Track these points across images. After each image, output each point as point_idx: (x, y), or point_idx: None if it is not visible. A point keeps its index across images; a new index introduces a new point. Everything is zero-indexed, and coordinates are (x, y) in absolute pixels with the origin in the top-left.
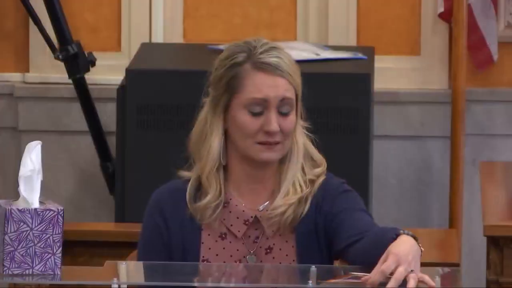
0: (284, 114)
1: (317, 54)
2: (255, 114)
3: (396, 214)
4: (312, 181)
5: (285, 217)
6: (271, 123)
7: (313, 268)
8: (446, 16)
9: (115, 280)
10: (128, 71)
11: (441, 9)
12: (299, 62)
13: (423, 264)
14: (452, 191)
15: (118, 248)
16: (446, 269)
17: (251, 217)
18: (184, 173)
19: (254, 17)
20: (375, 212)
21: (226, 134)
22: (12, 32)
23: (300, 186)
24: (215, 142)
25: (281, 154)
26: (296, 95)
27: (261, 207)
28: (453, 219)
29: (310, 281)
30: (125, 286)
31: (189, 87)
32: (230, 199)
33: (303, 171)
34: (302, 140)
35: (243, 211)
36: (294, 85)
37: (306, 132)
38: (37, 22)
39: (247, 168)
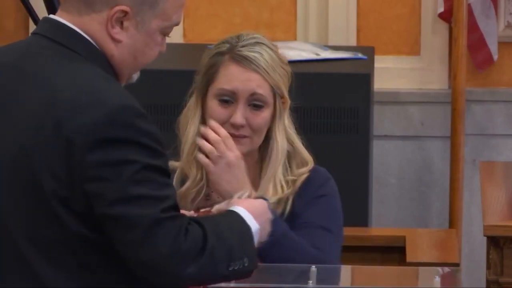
0: (255, 110)
1: (317, 54)
2: (223, 103)
3: (396, 214)
4: (294, 181)
5: None
6: (236, 115)
7: (313, 268)
8: (446, 16)
9: None
10: None
11: (441, 9)
12: (299, 62)
13: (423, 264)
14: (452, 191)
15: None
16: (446, 269)
17: None
18: (174, 164)
19: (254, 17)
20: (375, 212)
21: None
22: (12, 32)
23: (282, 186)
24: (191, 128)
25: (249, 148)
26: (275, 94)
27: None
28: (453, 219)
29: (310, 281)
30: None
31: (189, 87)
32: (212, 191)
33: (286, 171)
34: (284, 140)
35: None
36: (270, 83)
37: (292, 131)
38: (37, 22)
39: None
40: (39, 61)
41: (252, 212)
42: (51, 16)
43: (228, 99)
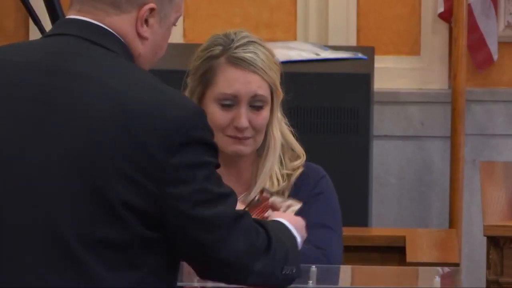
0: (256, 110)
1: (317, 54)
2: (225, 107)
3: (396, 214)
4: (289, 175)
5: None
6: (240, 119)
7: (313, 268)
8: (446, 16)
9: None
10: None
11: (441, 9)
12: (299, 62)
13: (423, 264)
14: (452, 191)
15: None
16: (446, 269)
17: None
18: None
19: (254, 17)
20: (375, 212)
21: None
22: (12, 32)
23: (278, 180)
24: None
25: (252, 148)
26: (272, 91)
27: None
28: (453, 219)
29: (310, 281)
30: None
31: None
32: None
33: (281, 164)
34: (279, 134)
35: None
36: (268, 82)
37: (283, 123)
38: (37, 22)
39: (221, 161)
40: (85, 60)
41: (295, 226)
42: (74, 17)
43: (229, 103)
